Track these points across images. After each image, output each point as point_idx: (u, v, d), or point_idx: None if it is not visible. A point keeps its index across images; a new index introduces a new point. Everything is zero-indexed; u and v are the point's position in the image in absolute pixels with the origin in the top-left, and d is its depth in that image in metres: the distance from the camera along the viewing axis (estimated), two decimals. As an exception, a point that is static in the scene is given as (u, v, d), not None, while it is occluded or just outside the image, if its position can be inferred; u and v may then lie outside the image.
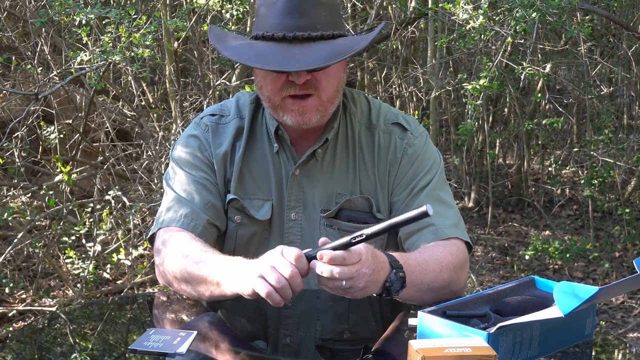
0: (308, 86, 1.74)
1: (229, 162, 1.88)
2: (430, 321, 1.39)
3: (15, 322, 3.95)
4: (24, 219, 4.12)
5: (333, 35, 1.72)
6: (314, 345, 1.55)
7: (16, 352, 1.50)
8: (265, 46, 1.70)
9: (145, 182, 4.31)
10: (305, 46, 1.68)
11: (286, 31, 1.69)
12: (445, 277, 1.70)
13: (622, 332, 4.23)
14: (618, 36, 5.69)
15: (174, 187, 1.86)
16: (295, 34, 1.68)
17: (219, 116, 1.92)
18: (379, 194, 1.88)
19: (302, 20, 1.69)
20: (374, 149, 1.89)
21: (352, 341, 1.58)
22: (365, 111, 1.92)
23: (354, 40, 1.75)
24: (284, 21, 1.69)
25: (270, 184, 1.87)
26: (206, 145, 1.88)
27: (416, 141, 1.90)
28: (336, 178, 1.87)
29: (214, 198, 1.85)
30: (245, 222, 1.87)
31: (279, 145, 1.87)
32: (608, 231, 5.57)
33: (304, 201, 1.86)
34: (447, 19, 4.11)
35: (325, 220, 1.85)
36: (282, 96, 1.75)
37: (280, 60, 1.66)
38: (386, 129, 1.90)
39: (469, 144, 5.80)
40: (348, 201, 1.86)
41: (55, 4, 3.09)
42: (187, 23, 3.62)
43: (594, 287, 1.29)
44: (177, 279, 1.71)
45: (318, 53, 1.67)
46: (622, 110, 6.18)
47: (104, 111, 4.72)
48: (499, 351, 1.32)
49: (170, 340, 1.45)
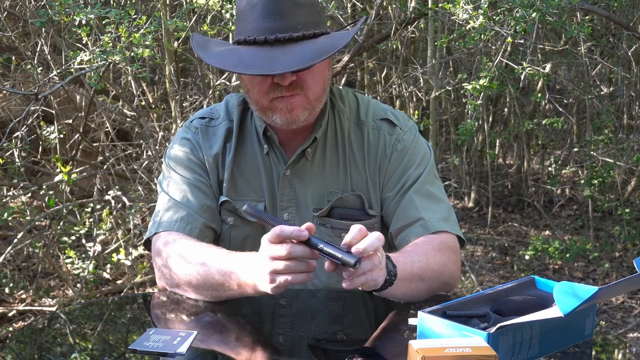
0: (294, 87, 1.75)
1: (221, 164, 1.89)
2: (430, 321, 1.39)
3: (15, 322, 3.95)
4: (24, 219, 4.12)
5: (315, 34, 1.72)
6: (307, 345, 1.55)
7: (16, 352, 1.50)
8: (248, 51, 1.70)
9: (145, 182, 4.31)
10: (287, 47, 1.69)
11: (267, 34, 1.69)
12: (434, 268, 1.71)
13: (622, 332, 4.23)
14: (618, 36, 5.69)
15: (169, 190, 1.87)
16: (277, 36, 1.69)
17: (209, 119, 1.93)
18: (370, 191, 1.88)
19: (283, 22, 1.70)
20: (363, 145, 1.89)
21: (346, 342, 1.58)
22: (354, 108, 1.93)
23: (335, 37, 1.75)
24: (264, 24, 1.70)
25: (262, 185, 1.88)
26: (197, 147, 1.89)
27: (405, 136, 1.90)
28: (327, 176, 1.88)
29: (210, 200, 1.86)
30: (238, 223, 1.88)
31: (268, 147, 1.88)
32: (608, 231, 5.56)
33: (296, 201, 1.87)
34: (447, 19, 4.10)
35: (318, 220, 1.86)
36: (270, 98, 1.76)
37: (264, 64, 1.67)
38: (375, 125, 1.91)
39: (469, 144, 5.80)
40: (340, 199, 1.87)
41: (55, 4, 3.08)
42: (187, 23, 3.62)
43: (594, 287, 1.28)
44: (192, 285, 1.71)
45: (300, 53, 1.67)
46: (622, 110, 6.17)
47: (104, 111, 4.72)
48: (499, 351, 1.32)
49: (170, 340, 1.45)
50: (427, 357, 1.19)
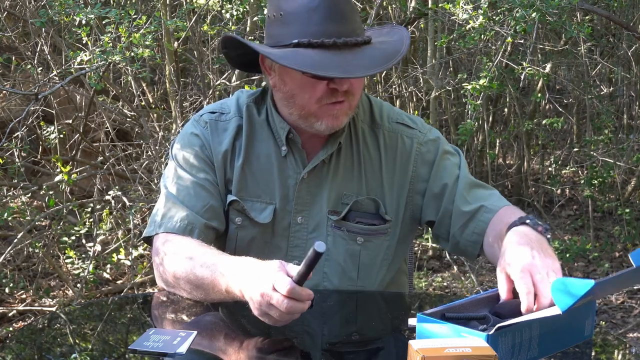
0: (347, 93, 1.72)
1: (229, 162, 1.85)
2: (429, 324, 1.39)
3: (15, 322, 3.96)
4: (24, 219, 4.13)
5: (370, 40, 1.72)
6: (320, 348, 1.55)
7: (16, 352, 1.50)
8: (317, 53, 1.66)
9: (145, 182, 4.31)
10: (356, 52, 1.67)
11: (334, 37, 1.66)
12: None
13: (622, 332, 4.23)
14: (618, 36, 5.69)
15: (172, 188, 1.84)
16: (344, 39, 1.67)
17: (219, 114, 1.88)
18: (386, 195, 1.86)
19: (347, 26, 1.68)
20: (379, 148, 1.87)
21: (342, 347, 1.57)
22: (367, 110, 1.90)
23: (391, 44, 1.75)
24: (329, 28, 1.67)
25: (274, 187, 1.84)
26: (206, 144, 1.85)
27: (427, 137, 1.89)
28: (342, 179, 1.85)
29: (213, 199, 1.82)
30: (246, 224, 1.85)
31: (287, 149, 1.84)
32: (608, 231, 5.56)
33: (310, 205, 1.84)
34: (447, 19, 4.11)
35: (334, 222, 1.84)
36: (322, 104, 1.73)
37: (340, 67, 1.64)
38: (391, 127, 1.89)
39: (469, 144, 5.79)
40: (356, 202, 1.84)
41: (55, 4, 3.09)
42: (187, 23, 3.62)
43: (590, 280, 1.28)
44: (181, 282, 1.69)
45: (370, 58, 1.67)
46: (622, 110, 6.17)
47: (104, 111, 4.72)
48: (498, 352, 1.32)
49: (170, 340, 1.45)
50: (427, 357, 1.19)
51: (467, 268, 4.78)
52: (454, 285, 4.85)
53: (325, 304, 1.77)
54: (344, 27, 1.68)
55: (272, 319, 1.46)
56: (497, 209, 1.80)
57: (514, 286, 1.45)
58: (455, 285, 4.84)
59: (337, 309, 1.79)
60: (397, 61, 1.70)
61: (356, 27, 1.71)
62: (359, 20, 1.73)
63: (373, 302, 1.85)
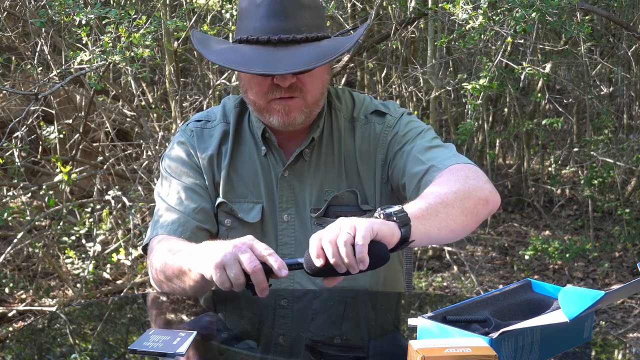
0: (293, 89, 1.75)
1: (216, 166, 1.89)
2: (430, 326, 1.39)
3: (15, 322, 3.96)
4: (24, 219, 4.13)
5: (317, 38, 1.73)
6: (306, 346, 1.55)
7: (16, 352, 1.50)
8: (250, 49, 1.70)
9: (145, 182, 4.31)
10: (290, 49, 1.69)
11: (271, 34, 1.69)
12: (455, 188, 1.62)
13: (622, 332, 4.23)
14: (618, 36, 5.69)
15: (164, 196, 1.88)
16: (280, 36, 1.69)
17: (205, 121, 1.94)
18: (364, 185, 1.87)
19: (287, 23, 1.70)
20: (354, 141, 1.89)
21: (346, 344, 1.58)
22: (350, 107, 1.93)
23: (338, 41, 1.75)
24: (268, 24, 1.69)
25: (260, 187, 1.88)
26: (192, 150, 1.90)
27: (398, 121, 1.88)
28: (324, 176, 1.88)
29: (204, 202, 1.86)
30: (236, 225, 1.88)
31: (266, 148, 1.88)
32: (608, 231, 5.56)
33: (295, 202, 1.87)
34: (447, 19, 4.10)
35: (316, 220, 1.86)
36: (268, 99, 1.76)
37: (266, 64, 1.66)
38: (365, 119, 1.90)
39: (469, 144, 5.79)
40: (335, 197, 1.86)
41: (55, 4, 3.08)
42: (187, 23, 3.62)
43: (600, 291, 1.28)
44: (162, 276, 1.71)
45: (303, 56, 1.67)
46: (622, 110, 6.17)
47: (104, 111, 4.72)
48: (501, 356, 1.32)
49: (170, 340, 1.45)
50: (427, 357, 1.19)
51: (467, 268, 4.78)
52: (453, 285, 4.86)
53: (325, 304, 1.78)
54: (285, 23, 1.69)
55: (225, 280, 1.46)
56: (445, 168, 1.72)
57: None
58: (455, 285, 4.85)
59: (336, 309, 1.79)
60: (331, 59, 1.69)
61: (301, 24, 1.71)
62: (308, 17, 1.73)
63: (373, 302, 1.85)
